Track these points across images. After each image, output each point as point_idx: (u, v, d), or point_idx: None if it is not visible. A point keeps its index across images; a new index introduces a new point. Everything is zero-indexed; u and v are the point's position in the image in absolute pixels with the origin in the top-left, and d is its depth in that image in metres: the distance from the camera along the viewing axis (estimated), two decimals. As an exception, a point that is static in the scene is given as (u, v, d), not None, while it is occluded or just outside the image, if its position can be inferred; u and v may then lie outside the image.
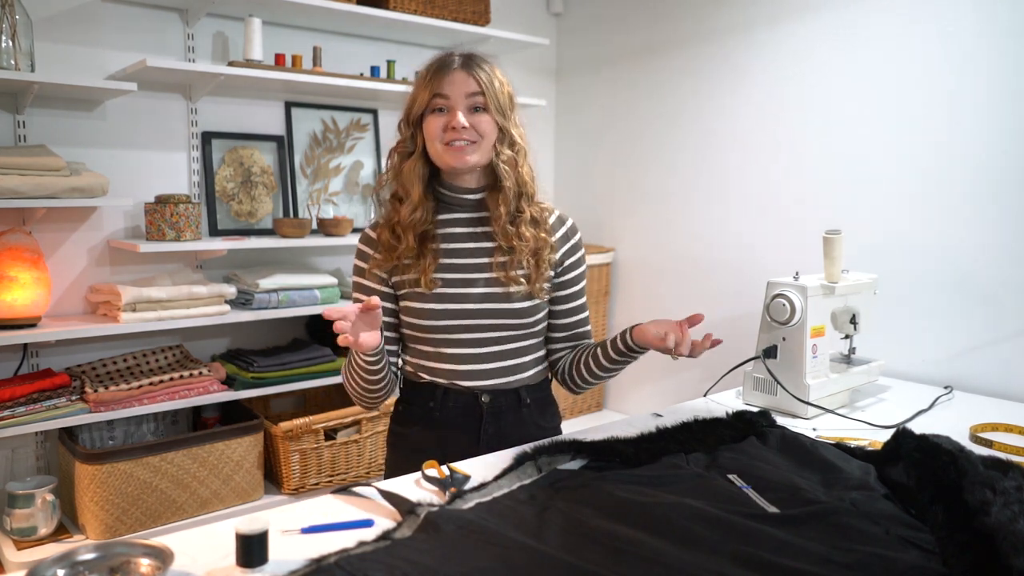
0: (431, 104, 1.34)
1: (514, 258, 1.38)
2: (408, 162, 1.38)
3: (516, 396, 1.44)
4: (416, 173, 1.37)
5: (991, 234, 1.90)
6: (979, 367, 1.93)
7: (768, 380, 1.67)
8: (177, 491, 2.05)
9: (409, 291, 1.39)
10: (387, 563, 0.89)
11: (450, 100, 1.33)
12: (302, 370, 2.34)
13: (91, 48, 2.17)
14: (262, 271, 2.35)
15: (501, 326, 1.39)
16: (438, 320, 1.37)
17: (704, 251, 2.63)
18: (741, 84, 2.49)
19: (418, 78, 1.38)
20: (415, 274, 1.37)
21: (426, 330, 1.39)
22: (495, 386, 1.41)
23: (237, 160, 2.43)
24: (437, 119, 1.34)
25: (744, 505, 1.09)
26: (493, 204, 1.38)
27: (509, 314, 1.38)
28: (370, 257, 1.43)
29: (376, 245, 1.42)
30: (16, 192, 1.85)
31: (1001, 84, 1.87)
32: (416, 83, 1.38)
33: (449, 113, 1.33)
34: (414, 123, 1.38)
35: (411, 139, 1.38)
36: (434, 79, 1.34)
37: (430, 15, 2.56)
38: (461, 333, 1.38)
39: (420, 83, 1.36)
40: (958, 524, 1.02)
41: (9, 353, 2.08)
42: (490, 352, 1.39)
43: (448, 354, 1.39)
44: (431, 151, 1.36)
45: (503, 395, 1.42)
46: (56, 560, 0.85)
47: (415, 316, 1.39)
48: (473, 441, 1.41)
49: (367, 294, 1.40)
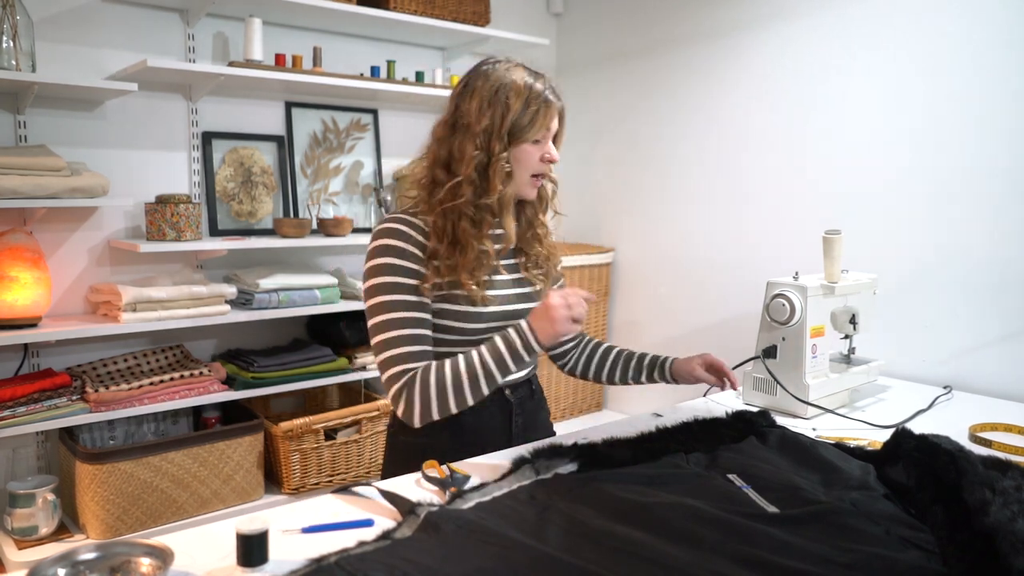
0: (535, 135, 1.32)
1: (532, 260, 1.44)
2: (509, 187, 1.33)
3: (529, 386, 1.49)
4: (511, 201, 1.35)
5: (991, 234, 1.90)
6: (978, 367, 1.93)
7: (768, 380, 1.67)
8: (177, 491, 2.05)
9: (449, 293, 1.34)
10: (387, 563, 0.89)
11: (548, 133, 1.35)
12: (302, 370, 2.34)
13: (91, 48, 2.17)
14: (262, 271, 2.35)
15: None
16: (483, 323, 1.36)
17: (704, 251, 2.63)
18: (741, 84, 2.49)
19: (525, 99, 1.30)
20: (450, 275, 1.32)
21: (469, 332, 1.36)
22: (516, 380, 1.45)
23: (237, 160, 2.43)
24: (535, 149, 1.33)
25: (744, 505, 1.09)
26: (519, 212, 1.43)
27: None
28: (424, 263, 1.32)
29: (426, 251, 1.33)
30: (17, 192, 1.85)
31: (1002, 84, 1.87)
32: (521, 102, 1.30)
33: (543, 145, 1.34)
34: (509, 142, 1.32)
35: (507, 160, 1.32)
36: (546, 111, 1.32)
37: (430, 15, 2.56)
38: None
39: (532, 108, 1.31)
40: (958, 524, 1.02)
41: (10, 353, 2.08)
42: None
43: None
44: (514, 174, 1.33)
45: (520, 387, 1.47)
46: (57, 560, 0.85)
47: (458, 319, 1.34)
48: (505, 436, 1.44)
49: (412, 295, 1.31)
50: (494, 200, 1.31)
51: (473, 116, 1.31)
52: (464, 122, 1.32)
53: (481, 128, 1.30)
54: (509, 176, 1.32)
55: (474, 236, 1.32)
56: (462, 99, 1.34)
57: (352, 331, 2.46)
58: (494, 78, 1.32)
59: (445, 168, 1.34)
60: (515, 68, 1.34)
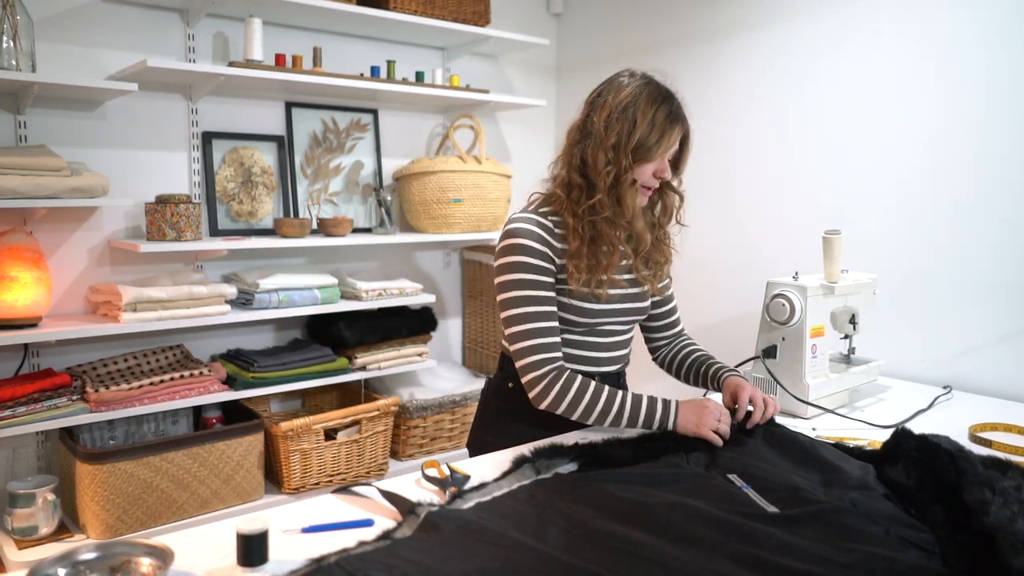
0: (658, 155, 1.39)
1: (642, 261, 1.52)
2: (637, 200, 1.42)
3: (617, 380, 1.58)
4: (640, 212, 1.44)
5: (991, 234, 1.90)
6: (978, 367, 1.93)
7: (768, 380, 1.67)
8: (177, 491, 2.05)
9: (569, 288, 1.43)
10: (387, 563, 0.89)
11: (669, 153, 1.42)
12: (302, 370, 2.34)
13: (91, 48, 2.17)
14: (262, 271, 2.35)
15: (634, 320, 1.55)
16: (594, 318, 1.46)
17: (704, 251, 2.63)
18: (741, 84, 2.49)
19: (651, 119, 1.37)
20: (594, 278, 1.42)
21: (581, 325, 1.46)
22: (606, 371, 1.53)
23: (237, 160, 2.43)
24: (652, 165, 1.40)
25: (744, 505, 1.10)
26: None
27: (641, 312, 1.55)
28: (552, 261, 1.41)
29: (558, 252, 1.42)
30: (17, 192, 1.85)
31: (1002, 84, 1.87)
32: (651, 122, 1.37)
33: (661, 162, 1.41)
34: (635, 158, 1.38)
35: (632, 177, 1.39)
36: (670, 134, 1.39)
37: (430, 15, 2.56)
38: (610, 327, 1.50)
39: (661, 129, 1.37)
40: (958, 524, 1.02)
41: (10, 353, 2.08)
42: (622, 340, 1.54)
43: (592, 342, 1.49)
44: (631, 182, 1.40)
45: (608, 379, 1.53)
46: (57, 560, 0.86)
47: (573, 313, 1.44)
48: (585, 425, 1.47)
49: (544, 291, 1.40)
50: (629, 216, 1.41)
51: (602, 128, 1.38)
52: (593, 131, 1.40)
53: (611, 143, 1.37)
54: (636, 191, 1.41)
55: (616, 239, 1.42)
56: (593, 108, 1.43)
57: (352, 331, 2.46)
58: (625, 93, 1.39)
59: (580, 173, 1.42)
60: (647, 85, 1.41)
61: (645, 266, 1.53)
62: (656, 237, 1.53)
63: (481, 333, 2.97)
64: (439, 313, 2.85)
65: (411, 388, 2.64)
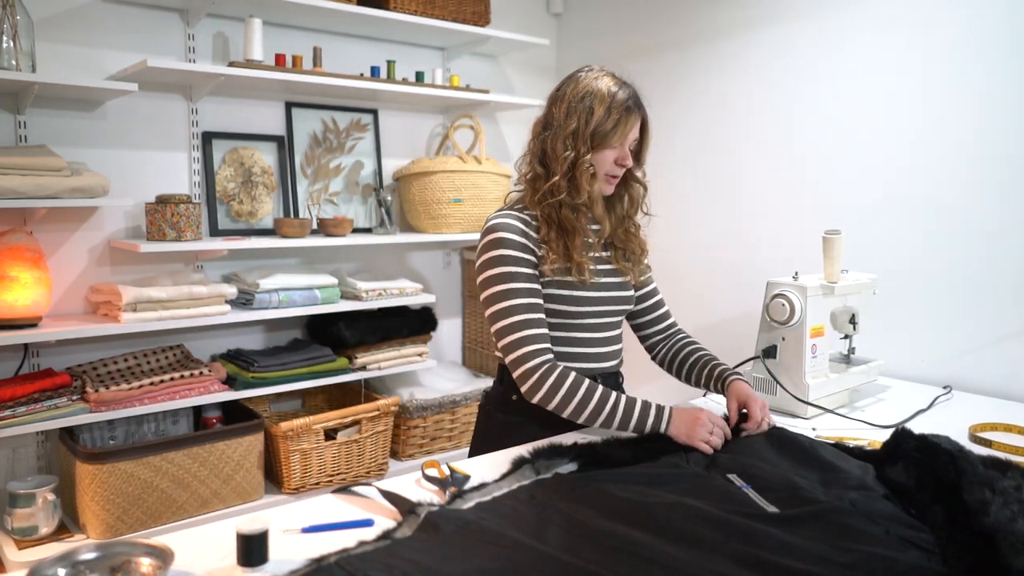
0: (615, 141, 1.43)
1: (622, 253, 1.56)
2: (595, 186, 1.46)
3: (616, 379, 1.58)
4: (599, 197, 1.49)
5: (991, 234, 1.90)
6: (978, 367, 1.93)
7: (768, 380, 1.67)
8: (178, 491, 2.05)
9: (557, 279, 1.45)
10: (387, 563, 0.89)
11: (627, 139, 1.45)
12: (302, 370, 2.34)
13: (91, 48, 2.17)
14: (262, 271, 2.35)
15: (620, 311, 1.55)
16: (586, 307, 1.47)
17: (704, 251, 2.63)
18: (740, 84, 2.49)
19: (607, 107, 1.41)
20: (566, 263, 1.44)
21: (574, 315, 1.47)
22: (605, 370, 1.53)
23: (237, 160, 2.43)
24: (612, 152, 1.44)
25: (744, 505, 1.10)
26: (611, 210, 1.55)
27: (626, 301, 1.56)
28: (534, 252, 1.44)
29: (536, 242, 1.44)
30: (17, 192, 1.85)
31: (1002, 85, 1.87)
32: (607, 109, 1.41)
33: (621, 150, 1.45)
34: (593, 144, 1.42)
35: (590, 162, 1.43)
36: (626, 120, 1.43)
37: (430, 15, 2.56)
38: (600, 318, 1.50)
39: (617, 115, 1.41)
40: (958, 524, 1.02)
41: (10, 353, 2.08)
42: (612, 335, 1.54)
43: (583, 338, 1.49)
44: (596, 174, 1.45)
45: (608, 378, 1.53)
46: (57, 559, 0.86)
47: (565, 303, 1.45)
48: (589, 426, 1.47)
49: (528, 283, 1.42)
50: (585, 199, 1.44)
51: (561, 118, 1.43)
52: (553, 123, 1.45)
53: (569, 131, 1.42)
54: (593, 177, 1.45)
55: (576, 222, 1.44)
56: (554, 102, 1.47)
57: (352, 331, 2.46)
58: (582, 85, 1.44)
59: (541, 163, 1.47)
60: (603, 77, 1.45)
61: (625, 258, 1.56)
62: (626, 228, 1.56)
63: (481, 333, 2.97)
64: (439, 313, 2.85)
65: (411, 388, 2.64)
